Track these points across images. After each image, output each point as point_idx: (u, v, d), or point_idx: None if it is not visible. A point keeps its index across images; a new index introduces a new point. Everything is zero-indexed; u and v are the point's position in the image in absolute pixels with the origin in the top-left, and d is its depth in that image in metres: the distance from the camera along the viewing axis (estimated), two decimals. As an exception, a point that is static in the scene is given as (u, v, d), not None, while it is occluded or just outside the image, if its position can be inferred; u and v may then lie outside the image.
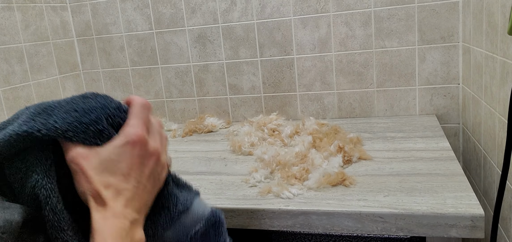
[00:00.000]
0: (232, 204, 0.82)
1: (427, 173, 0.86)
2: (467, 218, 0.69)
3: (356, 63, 1.31)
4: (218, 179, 0.96)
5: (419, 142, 1.05)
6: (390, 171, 0.90)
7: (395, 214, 0.72)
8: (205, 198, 0.86)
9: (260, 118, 1.30)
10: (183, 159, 1.12)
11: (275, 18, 1.33)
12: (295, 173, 0.90)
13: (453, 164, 0.89)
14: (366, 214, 0.74)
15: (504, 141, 0.82)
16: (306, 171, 0.90)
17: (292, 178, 0.89)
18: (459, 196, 0.75)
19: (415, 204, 0.74)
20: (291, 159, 0.97)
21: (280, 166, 0.95)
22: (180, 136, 1.35)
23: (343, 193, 0.82)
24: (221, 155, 1.13)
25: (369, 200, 0.77)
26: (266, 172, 0.94)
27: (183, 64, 1.47)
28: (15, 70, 1.32)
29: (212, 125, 1.38)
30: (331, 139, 1.05)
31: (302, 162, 0.96)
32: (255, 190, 0.87)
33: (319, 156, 0.96)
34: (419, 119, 1.25)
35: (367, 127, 1.23)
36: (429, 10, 1.21)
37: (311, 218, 0.77)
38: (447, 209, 0.71)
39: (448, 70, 1.24)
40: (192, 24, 1.42)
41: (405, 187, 0.81)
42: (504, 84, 0.85)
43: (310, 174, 0.89)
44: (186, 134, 1.35)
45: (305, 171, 0.90)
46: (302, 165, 0.93)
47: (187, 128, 1.38)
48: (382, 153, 1.00)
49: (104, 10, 1.50)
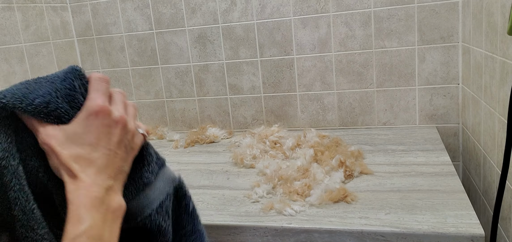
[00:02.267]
0: (235, 221, 0.83)
1: (428, 189, 0.87)
2: (468, 238, 0.70)
3: (356, 63, 1.31)
4: (220, 193, 0.96)
5: (419, 155, 1.06)
6: (391, 186, 0.90)
7: (396, 233, 0.73)
8: (208, 213, 0.87)
9: (262, 130, 1.31)
10: (186, 171, 1.12)
11: (275, 18, 1.33)
12: (297, 189, 0.91)
13: (453, 180, 0.90)
14: (367, 232, 0.75)
15: (504, 140, 0.82)
16: (308, 187, 0.91)
17: (294, 193, 0.89)
18: (460, 214, 0.76)
19: (416, 223, 0.74)
20: (293, 174, 0.98)
21: (282, 181, 0.96)
22: (182, 146, 1.35)
23: (344, 210, 0.82)
24: (223, 167, 1.13)
25: (370, 218, 0.78)
26: (268, 187, 0.94)
27: (183, 64, 1.47)
28: (16, 71, 1.32)
29: (214, 136, 1.38)
30: (333, 152, 1.06)
31: (304, 176, 0.97)
32: (257, 206, 0.88)
33: (321, 171, 0.96)
34: (420, 131, 1.25)
35: (368, 138, 1.24)
36: (429, 10, 1.21)
37: (313, 236, 0.78)
38: (448, 228, 0.72)
39: (447, 70, 1.24)
40: (192, 24, 1.42)
41: (406, 204, 0.82)
42: (503, 84, 0.85)
43: (312, 190, 0.89)
44: (188, 144, 1.36)
45: (307, 186, 0.91)
46: (304, 180, 0.94)
47: (189, 138, 1.38)
48: (383, 167, 1.01)
49: (104, 10, 1.50)
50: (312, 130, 1.26)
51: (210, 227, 0.83)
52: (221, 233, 0.83)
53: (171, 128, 1.55)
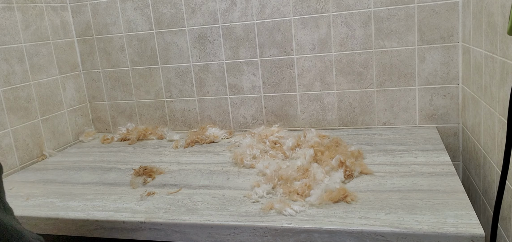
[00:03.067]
0: (235, 221, 0.82)
1: (428, 189, 0.87)
2: (468, 237, 0.70)
3: (356, 63, 1.31)
4: (220, 193, 0.96)
5: (419, 155, 1.06)
6: (391, 186, 0.90)
7: (396, 233, 0.73)
8: (208, 213, 0.86)
9: (262, 130, 1.31)
10: (186, 171, 1.12)
11: (275, 18, 1.33)
12: (297, 189, 0.91)
13: (453, 180, 0.90)
14: (367, 232, 0.74)
15: (504, 140, 0.82)
16: (308, 187, 0.90)
17: (294, 193, 0.89)
18: (460, 214, 0.76)
19: (416, 223, 0.74)
20: (293, 174, 0.98)
21: (282, 181, 0.96)
22: (182, 146, 1.35)
23: (344, 210, 0.82)
24: (223, 167, 1.13)
25: (370, 218, 0.78)
26: (268, 187, 0.94)
27: (183, 64, 1.47)
28: (16, 70, 1.32)
29: (214, 136, 1.38)
30: (332, 152, 1.06)
31: (304, 176, 0.96)
32: (257, 206, 0.88)
33: (321, 171, 0.96)
34: (420, 131, 1.25)
35: (368, 138, 1.24)
36: (429, 10, 1.21)
37: (313, 236, 0.78)
38: (448, 228, 0.72)
39: (447, 70, 1.24)
40: (192, 24, 1.42)
41: (406, 204, 0.81)
42: (503, 84, 0.85)
43: (312, 190, 0.89)
44: (188, 144, 1.35)
45: (307, 186, 0.91)
46: (304, 180, 0.94)
47: (189, 138, 1.38)
48: (383, 167, 1.01)
49: (104, 10, 1.50)
50: (312, 130, 1.26)
51: (210, 227, 0.83)
52: (221, 233, 0.83)
53: (171, 128, 1.55)
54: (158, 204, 0.93)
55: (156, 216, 0.88)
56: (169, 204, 0.93)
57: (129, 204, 0.95)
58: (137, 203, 0.95)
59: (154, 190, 1.01)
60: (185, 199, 0.95)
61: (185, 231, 0.85)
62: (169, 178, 1.09)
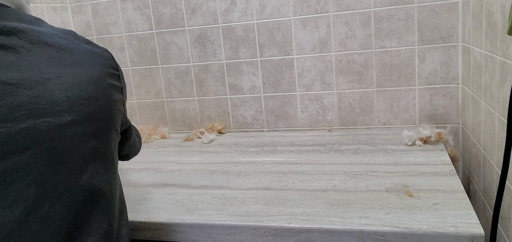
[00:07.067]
0: (235, 221, 0.83)
1: (428, 189, 0.87)
2: (468, 237, 0.70)
3: (356, 63, 1.31)
4: (220, 193, 0.96)
5: (419, 155, 1.06)
6: (391, 186, 0.90)
7: (396, 233, 0.73)
8: (208, 213, 0.87)
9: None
10: (186, 172, 1.12)
11: (275, 18, 1.34)
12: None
13: (453, 180, 0.90)
14: (367, 232, 0.75)
15: (504, 140, 0.82)
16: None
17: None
18: (460, 214, 0.76)
19: (416, 223, 0.74)
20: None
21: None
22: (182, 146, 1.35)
23: (344, 209, 0.82)
24: (224, 167, 1.13)
25: (370, 218, 0.78)
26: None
27: (183, 64, 1.47)
28: (16, 70, 1.31)
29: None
30: None
31: None
32: (257, 206, 0.87)
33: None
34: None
35: (368, 138, 1.24)
36: (429, 10, 1.21)
37: (313, 236, 0.78)
38: (447, 228, 0.72)
39: (447, 70, 1.24)
40: (192, 24, 1.42)
41: (406, 204, 0.82)
42: (503, 84, 0.85)
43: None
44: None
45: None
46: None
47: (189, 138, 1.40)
48: (383, 167, 1.01)
49: (104, 10, 1.50)
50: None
51: (210, 227, 0.83)
52: (221, 233, 0.83)
53: (171, 128, 1.55)
54: (158, 204, 0.93)
55: (156, 216, 0.88)
56: (169, 204, 0.93)
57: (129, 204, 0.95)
58: (137, 203, 0.95)
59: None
60: (185, 199, 0.95)
61: (185, 231, 0.85)
62: (169, 178, 1.09)
